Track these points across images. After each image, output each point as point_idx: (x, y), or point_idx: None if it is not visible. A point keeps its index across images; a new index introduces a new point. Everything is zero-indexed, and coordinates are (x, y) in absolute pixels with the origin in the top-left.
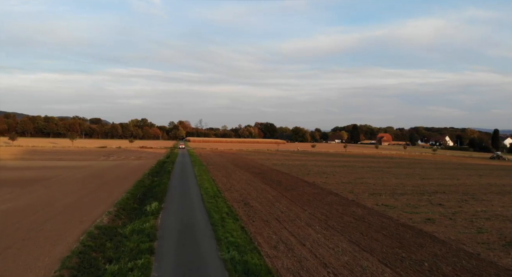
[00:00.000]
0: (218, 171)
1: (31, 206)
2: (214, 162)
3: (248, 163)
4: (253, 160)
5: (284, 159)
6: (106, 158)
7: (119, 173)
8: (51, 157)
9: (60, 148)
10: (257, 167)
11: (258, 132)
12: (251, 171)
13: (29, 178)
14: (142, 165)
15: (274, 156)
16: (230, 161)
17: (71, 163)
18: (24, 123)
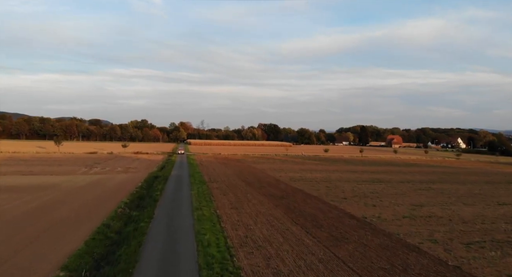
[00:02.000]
0: (224, 194)
1: None
2: (218, 176)
3: (259, 176)
4: (264, 172)
5: (300, 169)
6: (87, 170)
7: (85, 201)
8: (19, 170)
9: (43, 155)
10: (273, 185)
11: (262, 133)
12: (267, 193)
13: None
14: (124, 183)
15: (286, 164)
16: (237, 173)
17: (37, 180)
18: (19, 125)
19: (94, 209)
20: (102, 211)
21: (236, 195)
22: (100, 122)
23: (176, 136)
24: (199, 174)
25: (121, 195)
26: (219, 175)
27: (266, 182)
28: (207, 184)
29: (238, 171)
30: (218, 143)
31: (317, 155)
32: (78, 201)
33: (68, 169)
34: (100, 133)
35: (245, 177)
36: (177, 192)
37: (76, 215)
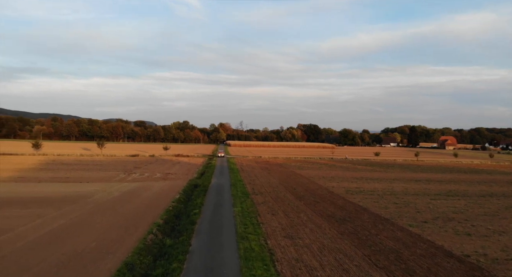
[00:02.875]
0: (273, 214)
1: None
2: (262, 186)
3: (308, 186)
4: (313, 180)
5: (352, 177)
6: (125, 176)
7: (113, 222)
8: (57, 176)
9: (86, 158)
10: (327, 199)
11: (301, 134)
12: (325, 212)
13: None
14: (161, 194)
15: (335, 170)
16: (283, 181)
17: (70, 189)
18: (69, 127)
19: (121, 235)
20: (129, 239)
21: (287, 215)
22: (144, 123)
23: (216, 137)
24: (241, 182)
25: (155, 213)
26: (263, 185)
27: (319, 196)
28: (250, 197)
29: (283, 179)
30: (257, 144)
31: (367, 159)
32: (104, 222)
33: (106, 175)
34: (144, 134)
35: (292, 188)
36: (218, 209)
37: (97, 245)
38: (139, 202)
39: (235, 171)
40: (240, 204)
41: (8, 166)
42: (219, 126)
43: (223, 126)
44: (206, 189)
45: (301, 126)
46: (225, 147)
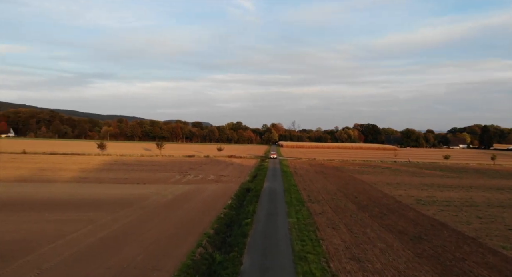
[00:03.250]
0: (333, 228)
1: None
2: (318, 192)
3: (371, 194)
4: (376, 187)
5: (421, 183)
6: (180, 177)
7: (162, 231)
8: (116, 177)
9: (146, 158)
10: (395, 211)
11: (358, 134)
12: (394, 227)
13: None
14: (213, 198)
15: (401, 175)
16: (341, 187)
17: (126, 191)
18: (133, 128)
19: (169, 248)
20: (177, 253)
21: (350, 230)
22: (201, 124)
23: (268, 137)
24: (295, 188)
25: (206, 221)
26: (320, 191)
27: (385, 206)
28: (306, 206)
29: (341, 185)
30: (310, 145)
31: (435, 162)
32: (154, 230)
33: (162, 176)
34: (200, 134)
35: (353, 195)
36: (271, 219)
37: (144, 259)
38: (191, 207)
39: (288, 174)
40: (295, 213)
41: (74, 166)
42: (271, 126)
43: (275, 127)
44: (258, 194)
45: (358, 126)
46: (277, 148)
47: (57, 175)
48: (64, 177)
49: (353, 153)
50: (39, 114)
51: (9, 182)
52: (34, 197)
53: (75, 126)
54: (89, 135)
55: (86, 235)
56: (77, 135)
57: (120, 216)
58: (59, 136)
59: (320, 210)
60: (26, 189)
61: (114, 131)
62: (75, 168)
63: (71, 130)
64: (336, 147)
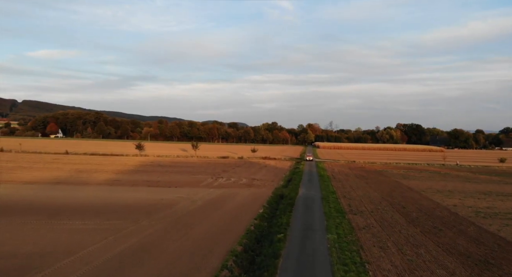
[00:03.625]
0: (381, 247)
1: None
2: (360, 201)
3: (421, 204)
4: (425, 195)
5: (476, 191)
6: (212, 181)
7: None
8: (149, 179)
9: (181, 159)
10: (452, 225)
11: (401, 135)
12: (453, 247)
13: None
14: (244, 206)
15: (452, 181)
16: (386, 195)
17: (156, 195)
18: (172, 128)
19: (191, 269)
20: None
21: (400, 250)
22: (236, 125)
23: (304, 138)
24: (334, 195)
25: (234, 234)
26: (362, 200)
27: (439, 218)
28: (348, 218)
29: (386, 193)
30: (349, 146)
31: (488, 166)
32: (177, 245)
33: (194, 179)
34: (236, 135)
35: (400, 205)
36: (307, 235)
37: None
38: (219, 216)
39: (326, 179)
40: (335, 227)
41: (111, 167)
42: (307, 126)
43: (312, 127)
44: (293, 203)
45: (401, 125)
46: (313, 149)
47: (92, 177)
48: (98, 179)
49: (396, 155)
50: (86, 115)
51: (44, 184)
52: (62, 202)
53: (118, 127)
54: (131, 135)
55: (106, 248)
56: (119, 135)
57: (144, 226)
58: (103, 136)
59: (363, 223)
60: (57, 193)
61: (155, 131)
62: (111, 170)
63: (114, 131)
64: (377, 148)
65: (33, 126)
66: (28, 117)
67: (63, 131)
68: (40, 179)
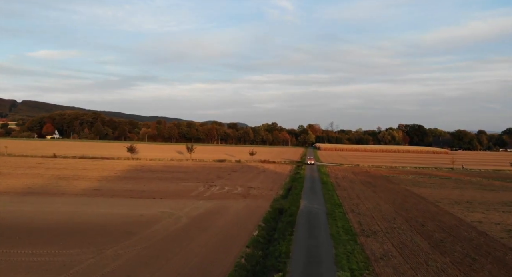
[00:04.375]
0: None
1: None
2: (372, 217)
3: (442, 221)
4: (441, 206)
5: (500, 202)
6: (204, 189)
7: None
8: (133, 188)
9: (174, 163)
10: (485, 251)
11: (403, 136)
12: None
13: None
14: (236, 224)
15: (466, 189)
16: (399, 209)
17: (136, 210)
18: (171, 129)
19: None
20: None
21: None
22: (236, 125)
23: (304, 139)
24: (340, 209)
25: (220, 270)
26: (373, 215)
27: (467, 241)
28: (360, 243)
29: (398, 204)
30: (351, 148)
31: (500, 171)
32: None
33: (184, 187)
34: (235, 136)
35: (418, 222)
36: (312, 273)
37: None
38: (204, 242)
39: (330, 186)
40: (346, 258)
41: (96, 173)
42: (308, 127)
43: (312, 128)
44: (293, 220)
45: (403, 126)
46: (314, 151)
47: (71, 186)
48: (76, 188)
49: (400, 157)
50: (83, 116)
51: (12, 195)
52: (19, 221)
53: (116, 127)
54: (129, 136)
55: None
56: (117, 136)
57: (107, 257)
58: (100, 137)
59: (380, 251)
60: (20, 207)
61: (152, 132)
62: (94, 176)
63: (111, 132)
64: (380, 150)
65: (29, 127)
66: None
67: (60, 132)
68: (11, 188)
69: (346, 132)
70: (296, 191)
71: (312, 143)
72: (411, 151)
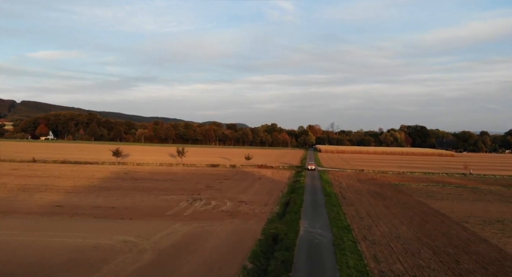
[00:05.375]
0: None
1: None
2: (389, 246)
3: (480, 253)
4: (470, 229)
5: None
6: (187, 204)
7: None
8: (104, 204)
9: (163, 169)
10: None
11: (405, 137)
12: None
13: None
14: (214, 265)
15: (490, 202)
16: (422, 235)
17: (90, 241)
18: (167, 130)
19: None
20: None
21: None
22: (235, 126)
23: (305, 140)
24: (349, 235)
25: None
26: (391, 245)
27: None
28: None
29: (417, 226)
30: (352, 150)
31: None
32: None
33: (164, 202)
34: (234, 137)
35: (450, 256)
36: None
37: None
38: None
39: (334, 200)
40: None
41: (68, 183)
42: (308, 128)
43: (312, 128)
44: (291, 257)
45: (405, 127)
46: (314, 153)
47: (31, 200)
48: (35, 204)
49: (405, 161)
50: (78, 116)
51: None
52: None
53: (112, 128)
54: (125, 137)
55: None
56: (112, 137)
57: None
58: (95, 138)
59: None
60: None
61: (149, 133)
62: (66, 186)
63: (107, 133)
64: (384, 152)
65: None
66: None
67: (55, 133)
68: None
69: (347, 133)
70: (295, 207)
71: (313, 144)
72: (416, 153)
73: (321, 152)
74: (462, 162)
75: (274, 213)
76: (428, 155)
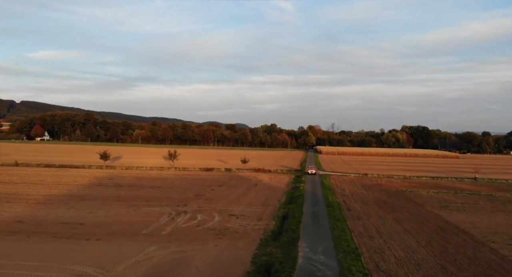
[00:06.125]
0: None
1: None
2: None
3: None
4: (502, 254)
5: None
6: (169, 220)
7: None
8: (75, 219)
9: (152, 173)
10: None
11: (407, 138)
12: None
13: None
14: None
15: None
16: (444, 259)
17: (39, 273)
18: (165, 131)
19: None
20: None
21: None
22: (234, 126)
23: (305, 141)
24: (359, 263)
25: None
26: (409, 275)
27: None
28: None
29: (438, 247)
30: (354, 152)
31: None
32: None
33: (144, 214)
34: (233, 137)
35: None
36: None
37: None
38: None
39: (337, 212)
40: None
41: (43, 191)
42: (308, 128)
43: (313, 129)
44: None
45: (406, 128)
46: (315, 155)
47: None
48: None
49: (409, 163)
50: (74, 117)
51: None
52: None
53: (108, 128)
54: (121, 138)
55: None
56: (109, 138)
57: None
58: (91, 139)
59: None
60: None
61: (146, 134)
62: (38, 195)
63: (104, 133)
64: (386, 154)
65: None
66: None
67: (51, 134)
68: None
69: (348, 133)
70: (293, 222)
71: (313, 145)
72: (419, 155)
73: (321, 153)
74: (468, 164)
75: (268, 230)
76: (432, 157)
